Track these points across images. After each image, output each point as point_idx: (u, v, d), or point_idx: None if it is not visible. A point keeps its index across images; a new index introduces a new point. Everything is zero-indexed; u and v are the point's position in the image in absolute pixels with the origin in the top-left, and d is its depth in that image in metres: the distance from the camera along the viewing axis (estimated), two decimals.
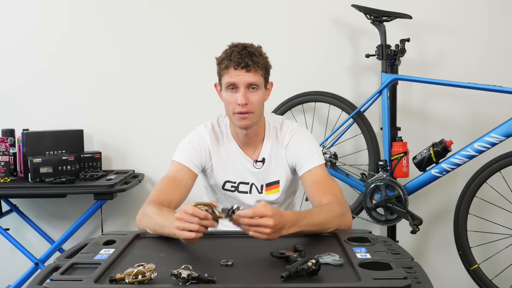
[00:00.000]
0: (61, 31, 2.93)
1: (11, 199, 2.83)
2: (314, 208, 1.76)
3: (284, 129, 1.96)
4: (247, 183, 1.96)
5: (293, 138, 1.93)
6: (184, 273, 1.19)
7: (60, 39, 2.93)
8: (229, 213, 1.45)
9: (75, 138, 2.83)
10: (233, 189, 1.95)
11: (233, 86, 1.81)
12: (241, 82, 1.79)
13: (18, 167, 2.75)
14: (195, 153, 1.91)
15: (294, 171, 1.96)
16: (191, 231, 1.43)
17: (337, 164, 2.74)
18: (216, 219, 1.45)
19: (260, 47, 1.87)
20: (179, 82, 2.94)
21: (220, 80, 1.87)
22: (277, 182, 1.96)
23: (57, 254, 2.69)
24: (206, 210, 1.44)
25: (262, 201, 1.50)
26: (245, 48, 1.81)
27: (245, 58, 1.78)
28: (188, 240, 1.46)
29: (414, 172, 2.61)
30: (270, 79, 1.91)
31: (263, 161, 1.95)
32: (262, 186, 1.96)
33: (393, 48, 2.66)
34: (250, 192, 1.95)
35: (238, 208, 1.45)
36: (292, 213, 1.56)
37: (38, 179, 2.57)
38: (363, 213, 2.65)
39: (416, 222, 2.50)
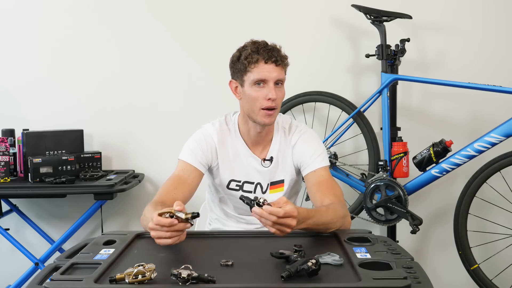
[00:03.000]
0: (62, 31, 2.93)
1: (11, 199, 2.83)
2: (320, 207, 1.75)
3: (292, 129, 1.97)
4: (252, 183, 1.95)
5: (300, 139, 1.94)
6: (184, 273, 1.19)
7: (60, 39, 2.93)
8: (252, 204, 1.46)
9: (75, 138, 2.83)
10: (237, 188, 1.95)
11: (260, 81, 1.81)
12: (271, 77, 1.80)
13: (18, 167, 2.75)
14: (201, 151, 1.90)
15: (298, 171, 1.97)
16: (166, 238, 1.43)
17: (337, 164, 2.74)
18: (185, 221, 1.43)
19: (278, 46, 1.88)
20: (179, 83, 2.94)
21: (242, 76, 1.84)
22: (282, 182, 1.96)
23: (57, 254, 2.69)
24: (171, 217, 1.42)
25: (283, 197, 1.52)
26: (267, 44, 1.84)
27: (274, 53, 1.81)
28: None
29: (414, 172, 2.61)
30: None
31: (271, 159, 1.95)
32: (267, 185, 1.96)
33: (393, 48, 2.66)
34: (254, 192, 1.95)
35: (264, 202, 1.46)
36: (305, 211, 1.57)
37: (38, 179, 2.57)
38: (363, 213, 2.65)
39: (416, 222, 2.50)
